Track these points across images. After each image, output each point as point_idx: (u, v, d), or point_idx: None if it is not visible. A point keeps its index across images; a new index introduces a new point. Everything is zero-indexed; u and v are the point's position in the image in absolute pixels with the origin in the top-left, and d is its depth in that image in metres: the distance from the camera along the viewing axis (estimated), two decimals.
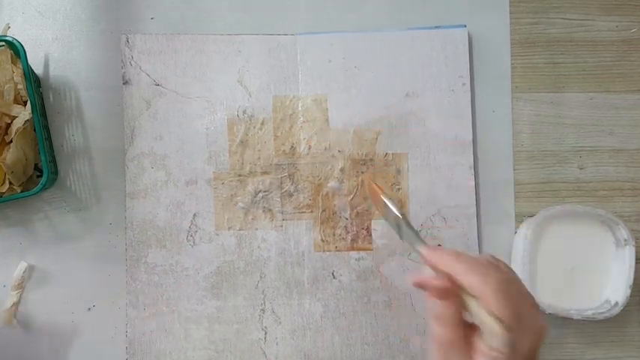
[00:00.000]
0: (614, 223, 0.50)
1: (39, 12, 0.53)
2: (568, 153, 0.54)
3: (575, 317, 0.49)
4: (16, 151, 0.47)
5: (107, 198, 0.52)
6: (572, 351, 0.52)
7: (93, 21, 0.53)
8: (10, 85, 0.47)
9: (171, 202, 0.51)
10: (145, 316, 0.50)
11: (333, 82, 0.52)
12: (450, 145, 0.52)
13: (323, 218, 0.52)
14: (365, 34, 0.53)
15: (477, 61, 0.53)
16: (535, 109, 0.54)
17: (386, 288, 0.51)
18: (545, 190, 0.53)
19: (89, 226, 0.51)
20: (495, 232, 0.52)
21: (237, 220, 0.51)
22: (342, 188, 0.52)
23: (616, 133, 0.54)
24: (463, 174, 0.52)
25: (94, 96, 0.52)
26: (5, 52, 0.47)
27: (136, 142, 0.51)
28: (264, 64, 0.52)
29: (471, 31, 0.53)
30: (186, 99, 0.52)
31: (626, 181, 0.54)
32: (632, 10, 0.54)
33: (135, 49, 0.52)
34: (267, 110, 0.52)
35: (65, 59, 0.52)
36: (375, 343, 0.51)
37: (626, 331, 0.53)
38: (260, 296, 0.51)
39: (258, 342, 0.51)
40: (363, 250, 0.52)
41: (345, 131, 0.52)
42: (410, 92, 0.52)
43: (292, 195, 0.52)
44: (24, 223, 0.51)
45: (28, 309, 0.51)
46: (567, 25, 0.54)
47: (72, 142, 0.52)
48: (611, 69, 0.54)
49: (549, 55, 0.54)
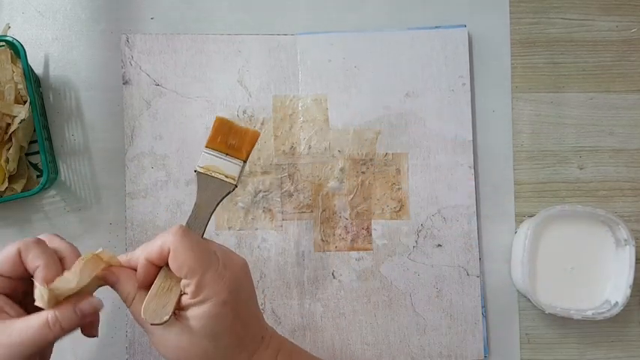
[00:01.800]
0: (614, 223, 0.50)
1: (39, 12, 0.53)
2: (568, 153, 0.54)
3: (575, 317, 0.49)
4: (16, 152, 0.47)
5: (107, 198, 0.52)
6: (572, 351, 0.52)
7: (93, 21, 0.53)
8: (10, 85, 0.47)
9: (171, 202, 0.51)
10: None
11: (333, 82, 0.52)
12: (450, 145, 0.52)
13: (323, 218, 0.52)
14: (365, 34, 0.53)
15: (477, 61, 0.53)
16: (535, 109, 0.54)
17: (386, 288, 0.51)
18: (545, 190, 0.53)
19: (89, 226, 0.51)
20: (495, 232, 0.52)
21: (237, 220, 0.51)
22: (342, 188, 0.52)
23: (616, 133, 0.54)
24: (463, 174, 0.52)
25: (94, 96, 0.52)
26: (5, 52, 0.47)
27: (136, 142, 0.51)
28: (264, 64, 0.52)
29: (471, 31, 0.53)
30: (186, 99, 0.52)
31: (626, 181, 0.54)
32: (632, 10, 0.54)
33: (135, 49, 0.52)
34: (267, 110, 0.52)
35: (65, 59, 0.52)
36: (375, 343, 0.51)
37: (626, 331, 0.53)
38: (260, 296, 0.51)
39: None
40: (363, 250, 0.52)
41: (344, 131, 0.52)
42: (410, 92, 0.52)
43: (292, 195, 0.52)
44: (24, 223, 0.51)
45: None
46: (567, 25, 0.54)
47: (72, 142, 0.52)
48: (611, 69, 0.54)
49: (549, 55, 0.54)
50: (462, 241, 0.52)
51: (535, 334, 0.52)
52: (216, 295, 0.33)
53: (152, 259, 0.34)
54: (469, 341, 0.51)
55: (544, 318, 0.52)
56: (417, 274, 0.51)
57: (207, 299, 0.33)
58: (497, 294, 0.52)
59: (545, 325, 0.52)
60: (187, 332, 0.33)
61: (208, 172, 0.38)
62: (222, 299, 0.33)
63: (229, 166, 0.39)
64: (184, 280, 0.33)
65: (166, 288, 0.34)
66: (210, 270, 0.33)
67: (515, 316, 0.52)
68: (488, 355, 0.51)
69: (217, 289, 0.33)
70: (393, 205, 0.52)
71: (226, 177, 0.39)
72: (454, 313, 0.51)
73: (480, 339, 0.51)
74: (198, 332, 0.33)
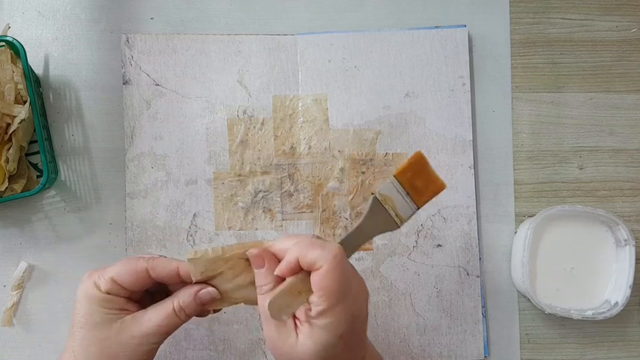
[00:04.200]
0: (614, 223, 0.50)
1: (39, 12, 0.53)
2: (568, 153, 0.54)
3: (575, 317, 0.49)
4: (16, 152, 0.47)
5: (107, 198, 0.52)
6: (572, 351, 0.52)
7: (93, 21, 0.53)
8: (10, 86, 0.47)
9: (171, 202, 0.51)
10: None
11: (333, 81, 0.52)
12: (450, 145, 0.52)
13: (323, 218, 0.52)
14: (365, 34, 0.53)
15: (477, 61, 0.53)
16: (535, 109, 0.54)
17: (386, 288, 0.51)
18: (545, 190, 0.53)
19: (89, 226, 0.51)
20: (495, 232, 0.53)
21: (237, 220, 0.51)
22: (342, 188, 0.52)
23: (616, 133, 0.54)
24: (463, 174, 0.52)
25: (94, 96, 0.52)
26: (5, 52, 0.47)
27: (136, 142, 0.51)
28: (264, 64, 0.52)
29: (471, 31, 0.53)
30: (186, 99, 0.52)
31: (626, 181, 0.54)
32: (632, 10, 0.54)
33: (135, 49, 0.52)
34: (267, 110, 0.52)
35: (65, 59, 0.52)
36: (375, 343, 0.51)
37: (626, 331, 0.53)
38: None
39: (258, 342, 0.51)
40: (363, 250, 0.52)
41: (344, 131, 0.52)
42: (410, 92, 0.52)
43: (292, 195, 0.52)
44: (24, 223, 0.51)
45: (28, 309, 0.51)
46: (567, 25, 0.54)
47: (72, 142, 0.52)
48: (611, 69, 0.54)
49: (549, 55, 0.54)
50: (462, 241, 0.52)
51: (535, 334, 0.52)
52: (336, 328, 0.33)
53: (302, 264, 0.34)
54: (469, 341, 0.51)
55: (544, 318, 0.52)
56: (417, 274, 0.51)
57: (327, 328, 0.33)
58: (497, 294, 0.52)
59: (545, 325, 0.52)
60: (298, 345, 0.34)
61: (384, 202, 0.38)
62: (340, 332, 0.34)
63: (403, 206, 0.38)
64: (316, 298, 0.33)
65: (297, 291, 0.34)
66: (342, 302, 0.34)
67: (515, 316, 0.52)
68: (488, 355, 0.51)
69: (340, 321, 0.34)
70: None
71: (396, 215, 0.38)
72: (454, 313, 0.51)
73: (480, 339, 0.51)
74: (306, 351, 0.34)
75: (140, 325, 0.36)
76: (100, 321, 0.36)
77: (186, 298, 0.37)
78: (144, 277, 0.37)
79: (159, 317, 0.36)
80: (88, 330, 0.36)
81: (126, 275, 0.36)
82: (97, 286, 0.36)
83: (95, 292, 0.36)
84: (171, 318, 0.36)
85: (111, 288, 0.36)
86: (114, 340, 0.35)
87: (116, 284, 0.36)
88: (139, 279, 0.37)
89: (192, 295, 0.37)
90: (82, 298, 0.36)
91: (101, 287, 0.36)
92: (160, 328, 0.36)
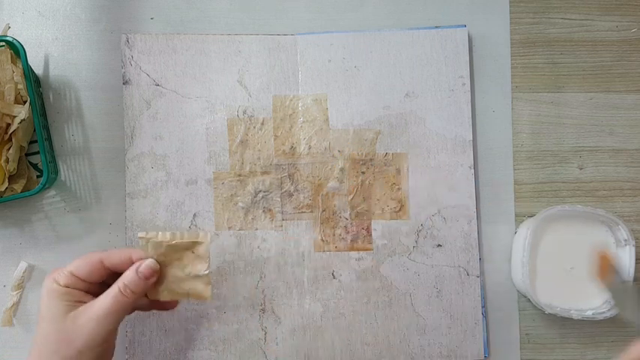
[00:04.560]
0: (614, 223, 0.50)
1: (39, 12, 0.53)
2: (568, 153, 0.54)
3: (575, 317, 0.49)
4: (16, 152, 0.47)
5: (107, 198, 0.52)
6: (572, 351, 0.52)
7: (93, 21, 0.53)
8: (10, 86, 0.47)
9: (171, 202, 0.51)
10: (145, 316, 0.50)
11: (333, 81, 0.52)
12: (450, 145, 0.52)
13: (323, 218, 0.52)
14: (365, 34, 0.53)
15: (477, 61, 0.53)
16: (535, 109, 0.54)
17: (386, 288, 0.51)
18: (545, 190, 0.53)
19: (89, 226, 0.51)
20: (495, 232, 0.52)
21: (237, 220, 0.51)
22: (342, 188, 0.52)
23: (616, 133, 0.54)
24: (463, 174, 0.52)
25: (94, 96, 0.52)
26: (5, 52, 0.47)
27: (136, 142, 0.51)
28: (264, 64, 0.52)
29: (471, 31, 0.53)
30: (186, 99, 0.52)
31: (626, 181, 0.54)
32: (632, 10, 0.54)
33: (135, 49, 0.52)
34: (267, 110, 0.52)
35: (65, 59, 0.52)
36: (375, 343, 0.51)
37: (626, 331, 0.52)
38: (260, 296, 0.51)
39: (258, 342, 0.51)
40: (363, 250, 0.52)
41: (344, 131, 0.52)
42: (410, 92, 0.52)
43: (292, 195, 0.52)
44: (24, 223, 0.51)
45: (28, 309, 0.51)
46: (567, 25, 0.54)
47: (72, 142, 0.52)
48: (611, 69, 0.54)
49: (549, 55, 0.54)
50: (462, 241, 0.52)
51: (535, 334, 0.52)
52: None
53: None
54: (469, 341, 0.51)
55: (544, 318, 0.52)
56: (417, 274, 0.51)
57: None
58: (497, 294, 0.52)
59: (545, 325, 0.52)
60: None
61: None
62: None
63: None
64: None
65: None
66: None
67: (515, 316, 0.52)
68: (488, 355, 0.51)
69: None
70: (392, 205, 0.52)
71: None
72: (454, 313, 0.51)
73: (479, 339, 0.51)
74: None
75: (92, 308, 0.38)
76: (57, 312, 0.38)
77: (129, 274, 0.39)
78: (99, 267, 0.40)
79: (107, 298, 0.39)
80: (47, 322, 0.38)
81: (82, 267, 0.39)
82: (56, 281, 0.39)
83: (54, 286, 0.39)
84: (119, 297, 0.39)
85: (69, 282, 0.39)
86: (70, 327, 0.38)
87: (74, 277, 0.39)
88: (95, 270, 0.39)
89: (133, 271, 0.39)
90: (44, 295, 0.39)
91: (60, 282, 0.39)
92: (110, 309, 0.38)
